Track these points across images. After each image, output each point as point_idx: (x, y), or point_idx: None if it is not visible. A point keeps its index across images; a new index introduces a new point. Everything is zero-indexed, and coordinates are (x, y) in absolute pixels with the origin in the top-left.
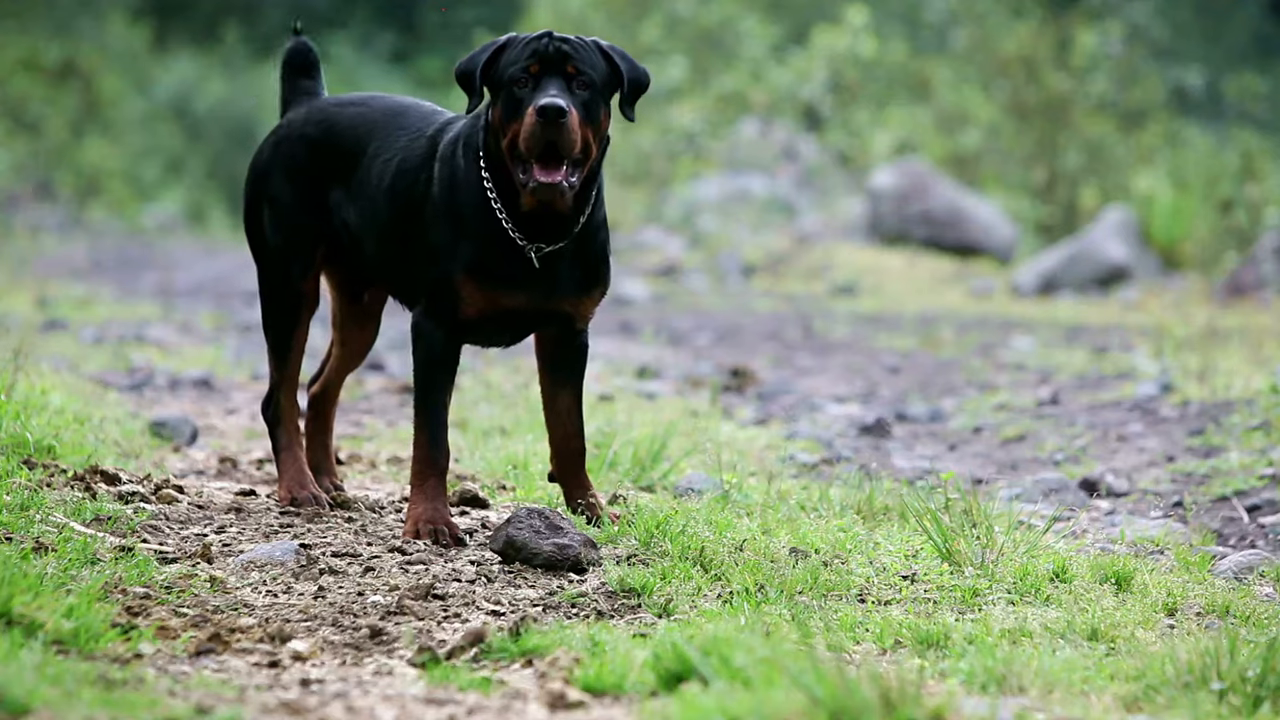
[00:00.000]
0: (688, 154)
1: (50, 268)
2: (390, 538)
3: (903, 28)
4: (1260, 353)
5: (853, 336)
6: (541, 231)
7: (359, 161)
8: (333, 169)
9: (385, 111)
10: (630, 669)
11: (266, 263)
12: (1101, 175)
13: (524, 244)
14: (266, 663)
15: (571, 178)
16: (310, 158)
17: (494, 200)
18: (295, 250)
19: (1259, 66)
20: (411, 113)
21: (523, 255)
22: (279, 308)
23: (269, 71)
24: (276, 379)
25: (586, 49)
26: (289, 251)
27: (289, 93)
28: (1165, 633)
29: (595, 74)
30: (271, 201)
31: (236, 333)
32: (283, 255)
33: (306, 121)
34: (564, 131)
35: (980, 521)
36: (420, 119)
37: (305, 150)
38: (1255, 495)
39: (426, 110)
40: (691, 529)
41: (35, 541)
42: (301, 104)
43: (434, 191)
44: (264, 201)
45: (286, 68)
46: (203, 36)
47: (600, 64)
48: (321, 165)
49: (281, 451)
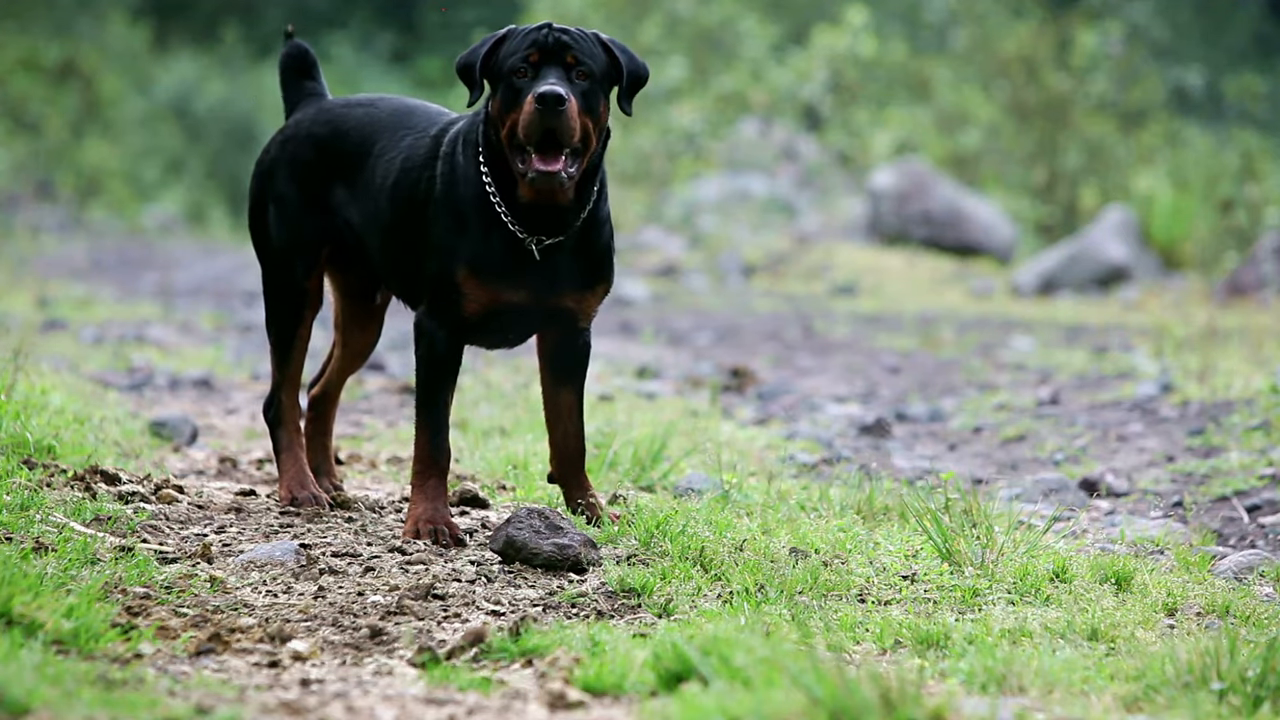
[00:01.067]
0: (688, 154)
1: (50, 268)
2: (390, 538)
3: (903, 28)
4: (1260, 353)
5: (853, 336)
6: (542, 224)
7: (365, 161)
8: (339, 168)
9: (392, 112)
10: (630, 669)
11: (270, 261)
12: (1101, 175)
13: (524, 236)
14: (266, 663)
15: (570, 168)
16: (317, 156)
17: (493, 194)
18: (299, 248)
19: (1259, 66)
20: (418, 113)
21: (524, 249)
22: (282, 306)
23: (269, 71)
24: (278, 379)
25: (586, 40)
26: (293, 249)
27: (293, 95)
28: (1165, 633)
29: (595, 65)
30: (277, 200)
31: (236, 333)
32: (287, 253)
33: (315, 121)
34: (563, 119)
35: (980, 521)
36: (426, 119)
37: (312, 149)
38: (1255, 495)
39: (433, 111)
40: (691, 529)
41: (35, 541)
42: (309, 104)
43: (435, 189)
44: (269, 200)
45: (286, 72)
46: (203, 36)
47: (600, 55)
48: (328, 164)
49: (282, 452)
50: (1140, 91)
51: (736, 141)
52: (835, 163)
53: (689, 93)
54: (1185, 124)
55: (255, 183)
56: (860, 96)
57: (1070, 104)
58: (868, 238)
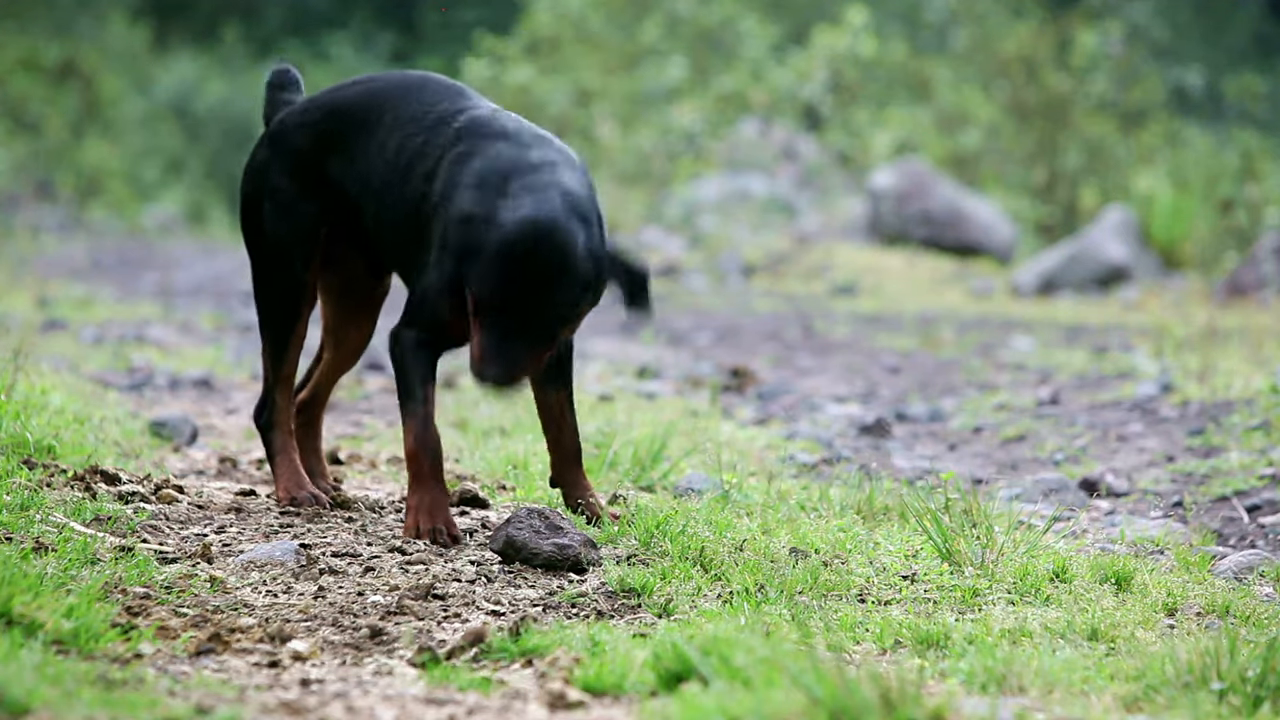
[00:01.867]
0: (688, 154)
1: (50, 268)
2: (390, 538)
3: (903, 28)
4: (1260, 353)
5: (853, 336)
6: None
7: (367, 131)
8: (336, 145)
9: (397, 83)
10: (630, 669)
11: (266, 257)
12: (1101, 175)
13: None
14: (266, 663)
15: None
16: (312, 142)
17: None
18: (297, 238)
19: (1259, 66)
20: (430, 86)
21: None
22: (278, 302)
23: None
24: (272, 380)
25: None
26: (291, 240)
27: (274, 106)
28: (1165, 633)
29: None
30: (272, 193)
31: (236, 333)
32: (284, 246)
33: (305, 111)
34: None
35: (980, 521)
36: (442, 94)
37: (307, 137)
38: (1255, 495)
39: (447, 87)
40: (691, 529)
41: (35, 541)
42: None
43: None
44: (263, 196)
45: (270, 88)
46: (203, 36)
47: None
48: (324, 144)
49: (276, 455)
50: (1140, 91)
51: (736, 141)
52: (835, 163)
53: (689, 93)
54: (1185, 124)
55: (247, 183)
56: (860, 96)
57: (1070, 104)
58: (868, 238)
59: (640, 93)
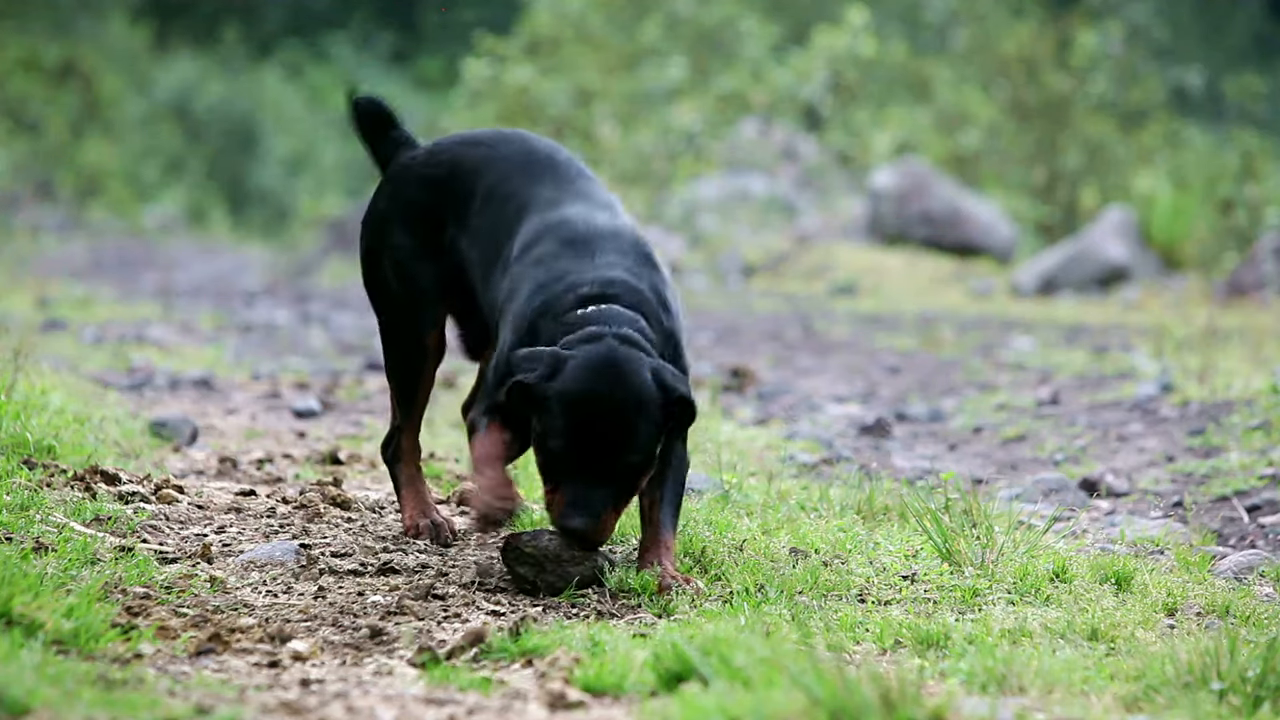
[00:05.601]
0: (688, 154)
1: (50, 268)
2: (390, 537)
3: (903, 28)
4: (1260, 353)
5: (853, 336)
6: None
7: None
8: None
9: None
10: (630, 669)
11: (390, 314)
12: (1101, 175)
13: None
14: (266, 663)
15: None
16: (432, 199)
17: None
18: (421, 300)
19: (1259, 66)
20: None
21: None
22: (404, 360)
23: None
24: (399, 421)
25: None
26: (414, 302)
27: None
28: (1165, 633)
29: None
30: (393, 250)
31: (236, 333)
32: (408, 308)
33: (427, 163)
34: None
35: (980, 521)
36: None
37: (428, 192)
38: (1255, 495)
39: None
40: (691, 529)
41: (35, 541)
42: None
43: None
44: (384, 252)
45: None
46: (203, 36)
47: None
48: (444, 205)
49: (403, 488)
50: (1140, 91)
51: (736, 141)
52: (835, 163)
53: (689, 93)
54: (1185, 124)
55: (368, 236)
56: (860, 96)
57: (1070, 104)
58: (868, 238)
59: (640, 93)
